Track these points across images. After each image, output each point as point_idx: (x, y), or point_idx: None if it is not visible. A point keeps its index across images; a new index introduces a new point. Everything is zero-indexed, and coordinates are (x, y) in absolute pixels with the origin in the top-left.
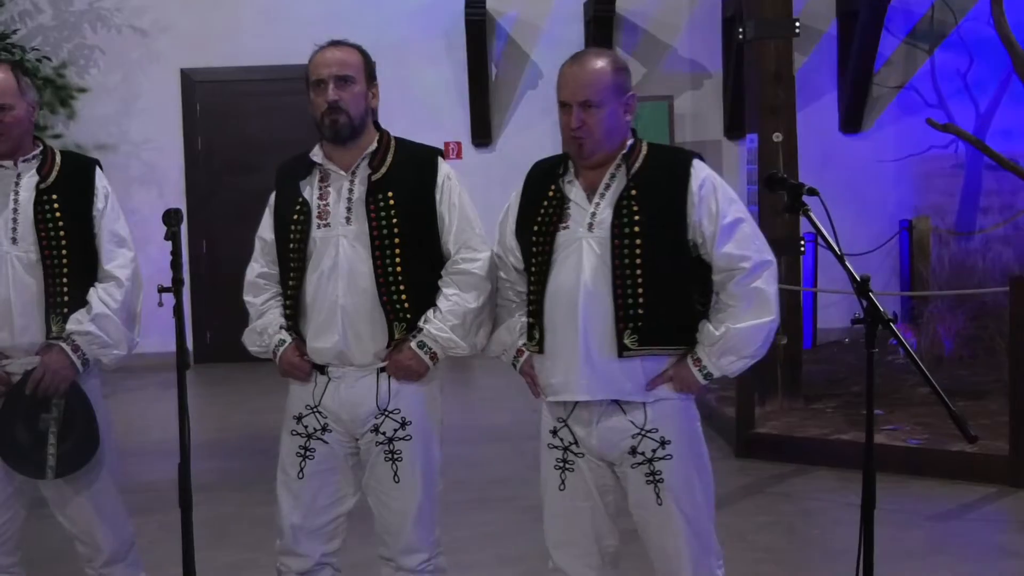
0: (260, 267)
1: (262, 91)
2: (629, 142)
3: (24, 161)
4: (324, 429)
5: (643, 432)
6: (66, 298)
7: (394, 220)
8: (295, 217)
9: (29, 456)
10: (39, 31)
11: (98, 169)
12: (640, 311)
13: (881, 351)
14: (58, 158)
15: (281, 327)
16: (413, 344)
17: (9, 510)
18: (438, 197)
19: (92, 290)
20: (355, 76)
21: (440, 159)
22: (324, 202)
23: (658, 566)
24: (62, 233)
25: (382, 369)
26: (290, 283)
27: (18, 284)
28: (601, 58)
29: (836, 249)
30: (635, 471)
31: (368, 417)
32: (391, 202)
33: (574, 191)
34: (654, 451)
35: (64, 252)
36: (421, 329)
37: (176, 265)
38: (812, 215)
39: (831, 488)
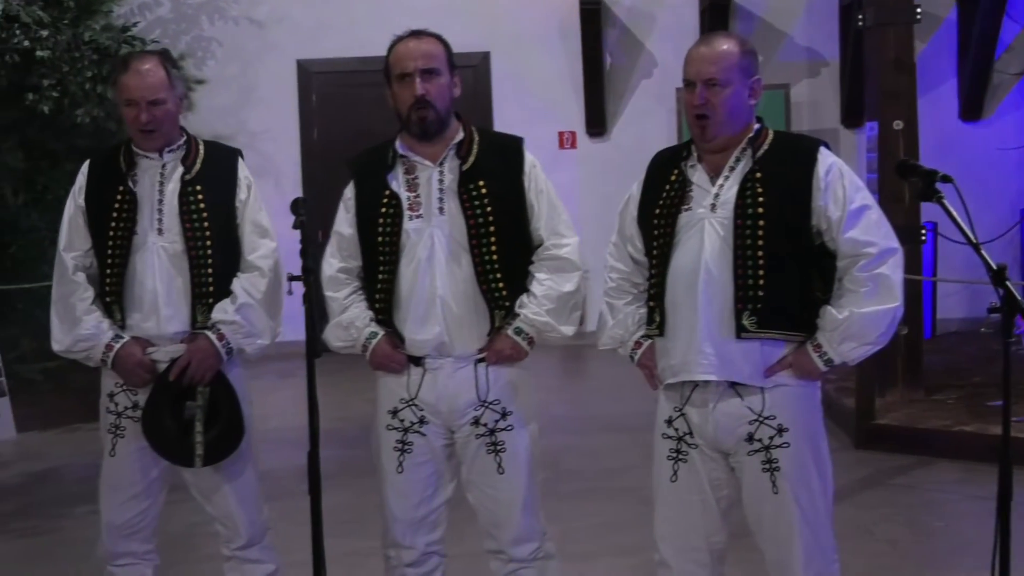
0: (339, 262)
1: (377, 81)
2: (755, 127)
3: (169, 152)
4: (421, 422)
5: (760, 418)
6: (211, 288)
7: (487, 209)
8: (383, 210)
9: (177, 444)
10: (158, 23)
11: (240, 159)
12: (760, 292)
13: (1000, 341)
14: (202, 148)
15: (371, 320)
16: (510, 331)
17: (149, 498)
18: (526, 184)
19: (236, 280)
20: (440, 68)
21: (523, 147)
22: (414, 194)
23: (770, 557)
24: (206, 224)
25: (479, 360)
26: (380, 276)
27: (164, 274)
28: (728, 39)
29: (971, 237)
30: (751, 459)
31: (467, 408)
32: (483, 191)
33: (697, 174)
34: (771, 438)
35: (209, 243)
36: (517, 315)
37: (305, 253)
38: (946, 202)
39: (954, 480)
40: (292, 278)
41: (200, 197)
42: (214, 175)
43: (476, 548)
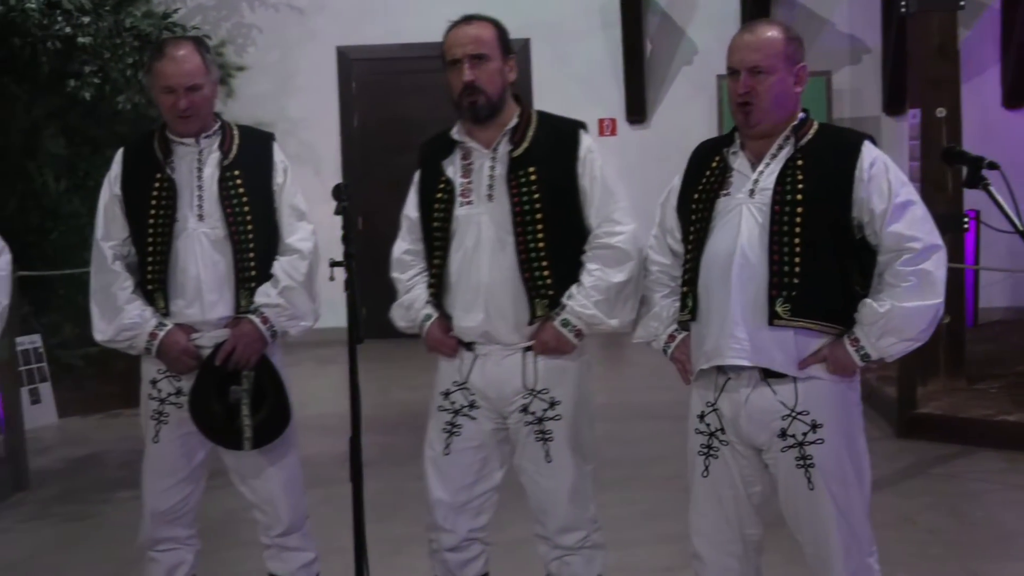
0: (406, 244)
1: (418, 68)
2: (800, 115)
3: (206, 137)
4: (471, 406)
5: (793, 414)
6: (253, 272)
7: (535, 196)
8: (438, 195)
9: (225, 428)
10: (199, 10)
11: (274, 143)
12: (795, 280)
13: None
14: (236, 133)
15: (427, 302)
16: (556, 322)
17: (191, 484)
18: (580, 171)
19: (276, 263)
20: (490, 53)
21: (582, 132)
22: (467, 180)
23: (808, 552)
24: (247, 208)
25: (528, 348)
26: (434, 261)
27: (207, 260)
28: (773, 27)
29: (1018, 225)
30: (785, 455)
31: (515, 396)
32: (532, 178)
33: (738, 161)
34: (804, 435)
35: (250, 227)
36: (564, 306)
37: (347, 239)
38: (992, 189)
39: (997, 469)
40: (334, 264)
41: (239, 182)
42: (251, 159)
43: (519, 536)
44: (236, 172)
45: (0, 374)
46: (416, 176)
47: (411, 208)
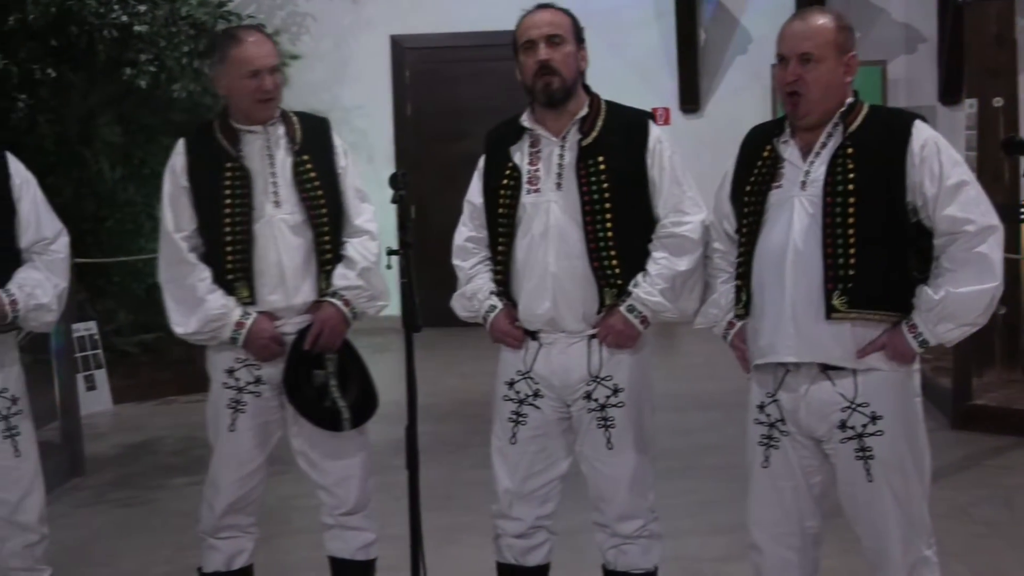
0: (469, 231)
1: (471, 57)
2: (848, 101)
3: (271, 125)
4: (536, 395)
5: (853, 406)
6: (330, 255)
7: (604, 185)
8: (505, 183)
9: (324, 410)
10: None
11: (330, 127)
12: (851, 272)
13: None
14: (296, 119)
15: (492, 292)
16: (623, 308)
17: (258, 475)
18: (649, 161)
19: (348, 245)
20: (565, 36)
21: (651, 122)
22: (534, 167)
23: (867, 544)
24: (319, 192)
25: (593, 335)
26: (499, 248)
27: (287, 246)
28: (825, 15)
29: None
30: (844, 446)
31: (579, 383)
32: (601, 167)
33: (789, 151)
34: (864, 426)
35: (324, 211)
36: (631, 293)
37: (403, 227)
38: None
39: None
40: (391, 252)
41: (309, 167)
42: (315, 144)
43: (575, 524)
44: (306, 157)
45: (56, 361)
46: (481, 162)
47: (475, 194)
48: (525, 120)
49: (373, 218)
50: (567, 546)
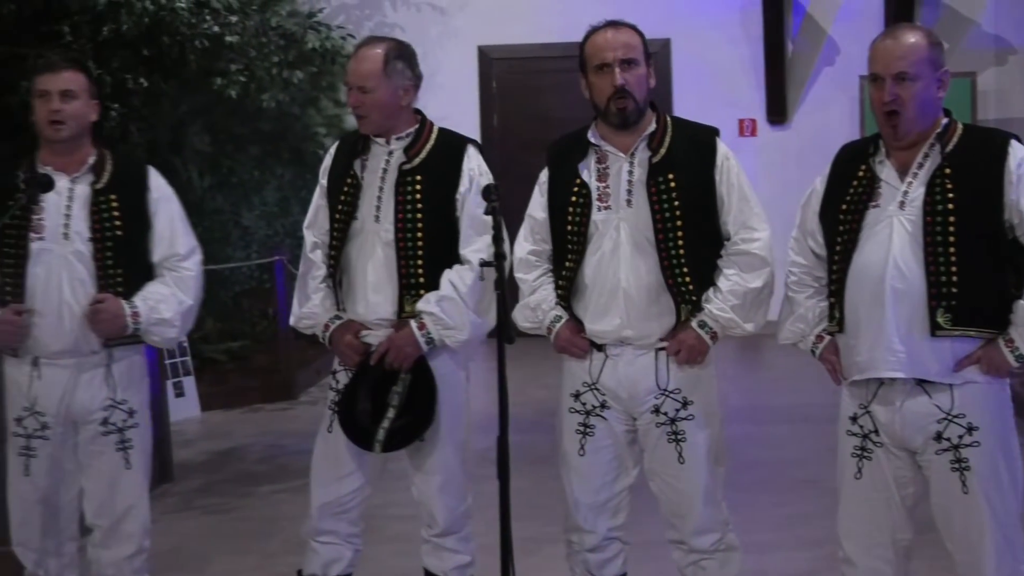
0: (531, 244)
1: (558, 68)
2: (944, 121)
3: (397, 139)
4: (603, 406)
5: (949, 417)
6: (421, 279)
7: (676, 202)
8: (573, 199)
9: (363, 428)
10: (342, 9)
11: (469, 150)
12: (954, 289)
13: None
14: (433, 137)
15: (556, 303)
16: (694, 324)
17: (358, 480)
18: (718, 178)
19: (446, 272)
20: (638, 58)
21: (718, 139)
22: (604, 184)
23: (959, 558)
24: (419, 215)
25: (661, 348)
26: (567, 263)
27: (375, 260)
28: (916, 32)
29: None
30: (939, 458)
31: (647, 396)
32: (672, 184)
33: (885, 171)
34: (960, 437)
35: (420, 233)
36: (702, 309)
37: (497, 239)
38: None
39: None
40: (484, 264)
41: (418, 187)
42: (437, 166)
43: (655, 537)
44: (417, 177)
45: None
46: (543, 177)
47: (537, 209)
48: (592, 136)
49: (483, 250)
50: (646, 558)
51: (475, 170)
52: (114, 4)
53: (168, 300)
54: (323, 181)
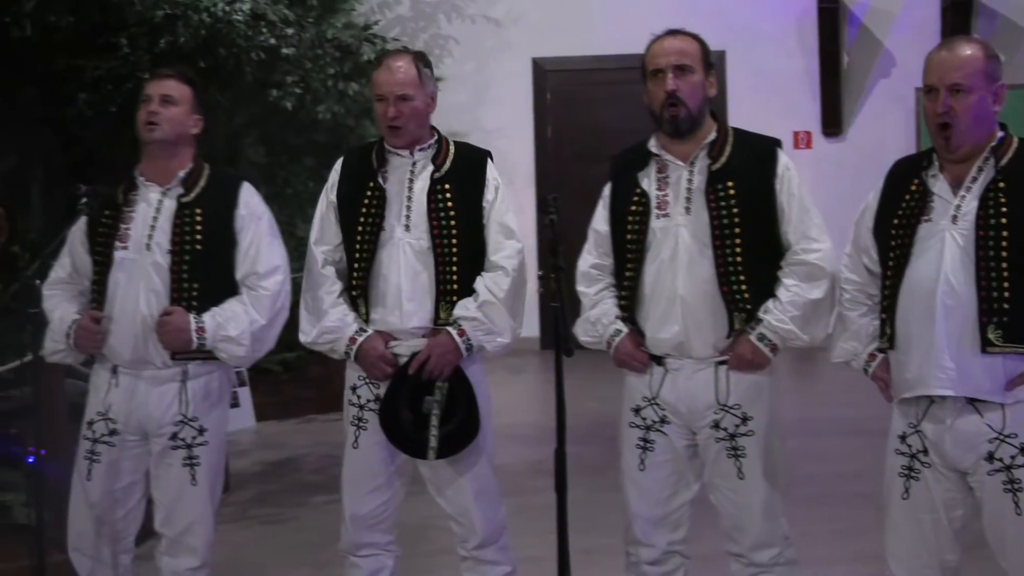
0: (593, 258)
1: (612, 80)
2: (999, 135)
3: (420, 150)
4: (663, 421)
5: (1001, 437)
6: (455, 286)
7: (734, 210)
8: (633, 208)
9: (412, 436)
10: (397, 21)
11: (489, 161)
12: (1005, 305)
13: None
14: (452, 148)
15: (617, 317)
16: (753, 336)
17: (389, 489)
18: (778, 188)
19: (479, 278)
20: (693, 65)
21: (779, 149)
22: (663, 192)
23: None
24: (453, 223)
25: (721, 362)
26: (627, 274)
27: (409, 270)
28: (972, 44)
29: None
30: (992, 479)
31: (706, 411)
32: (731, 192)
33: (938, 185)
34: (1013, 458)
35: (455, 241)
36: (761, 320)
37: (555, 251)
38: None
39: None
40: (543, 276)
41: (448, 196)
42: (463, 175)
43: (713, 550)
44: (447, 186)
45: None
46: (606, 190)
47: (600, 222)
48: (652, 146)
49: (514, 255)
50: (699, 570)
51: (497, 179)
52: (171, 17)
53: (239, 318)
54: (332, 197)
